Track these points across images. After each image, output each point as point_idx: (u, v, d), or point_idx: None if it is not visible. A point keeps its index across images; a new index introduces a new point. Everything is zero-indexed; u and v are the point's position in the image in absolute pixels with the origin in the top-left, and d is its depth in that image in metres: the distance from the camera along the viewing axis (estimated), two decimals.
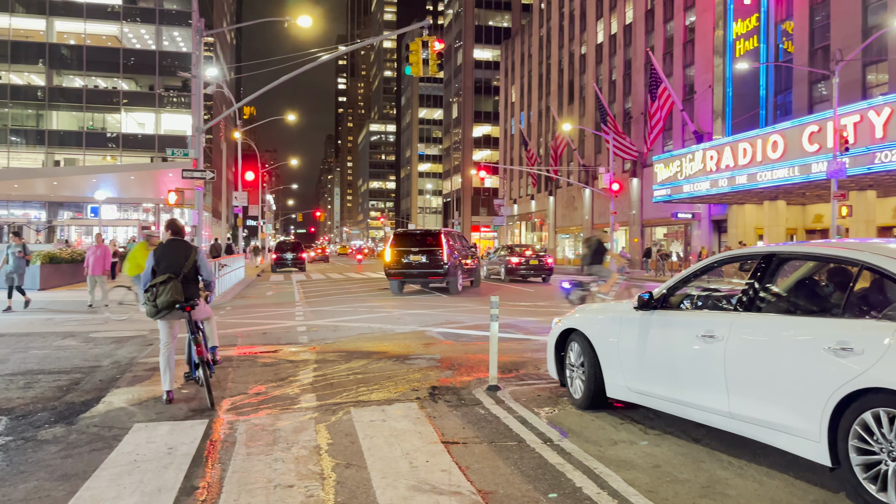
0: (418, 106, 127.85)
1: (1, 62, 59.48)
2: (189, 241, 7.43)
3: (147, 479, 4.73)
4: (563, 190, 60.93)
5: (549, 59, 66.42)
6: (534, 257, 30.23)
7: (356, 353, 10.10)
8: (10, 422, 6.31)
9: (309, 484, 4.67)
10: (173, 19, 62.46)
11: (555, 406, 6.85)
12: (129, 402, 7.05)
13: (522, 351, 10.34)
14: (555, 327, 7.27)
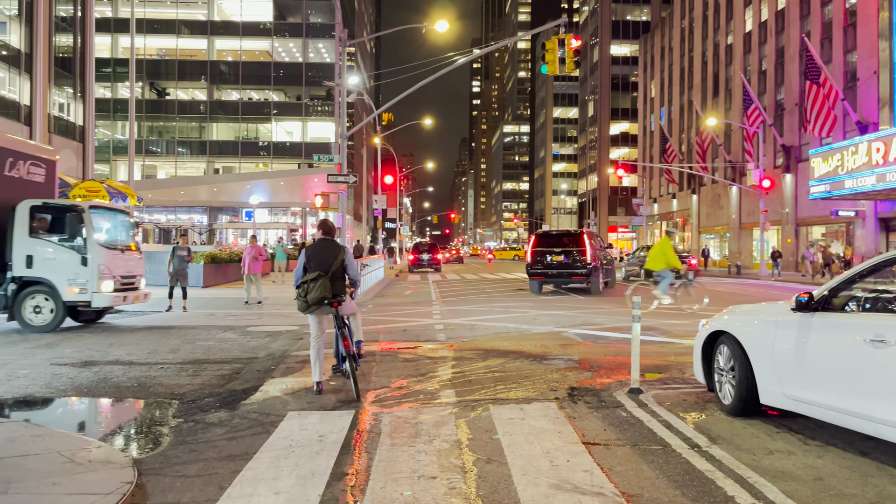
0: (553, 105, 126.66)
1: (170, 80, 65.40)
2: (338, 242, 7.81)
3: (301, 464, 5.02)
4: (708, 188, 58.06)
5: (692, 52, 63.57)
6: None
7: (493, 352, 10.17)
8: (182, 405, 6.92)
9: (451, 476, 4.76)
10: (318, 32, 65.85)
11: (702, 411, 6.55)
12: (283, 392, 7.52)
13: (665, 354, 9.97)
14: (702, 329, 6.96)
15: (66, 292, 12.52)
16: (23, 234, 12.51)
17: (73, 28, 47.18)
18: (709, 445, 5.42)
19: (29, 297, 12.49)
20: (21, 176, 13.02)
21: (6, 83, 39.77)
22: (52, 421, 6.39)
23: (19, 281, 12.52)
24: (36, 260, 12.52)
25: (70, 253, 12.61)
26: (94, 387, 7.78)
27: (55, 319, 12.53)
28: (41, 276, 12.51)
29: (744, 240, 51.18)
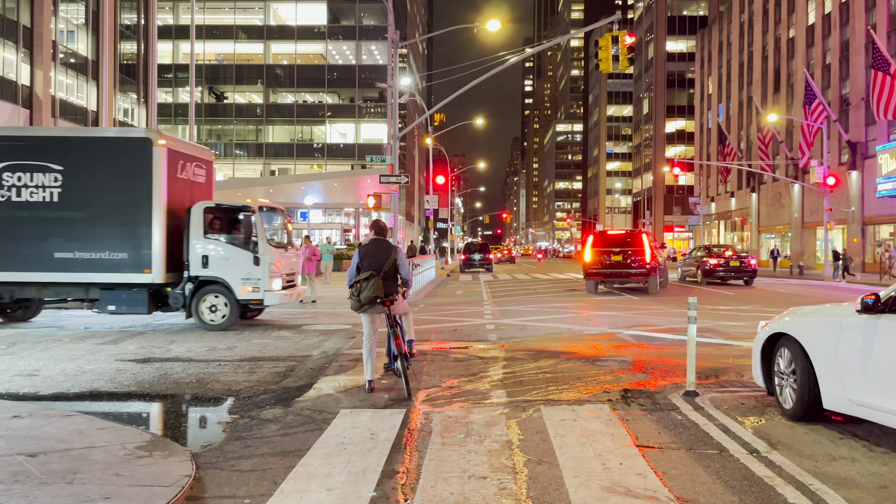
0: (606, 103, 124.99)
1: (228, 84, 67.07)
2: (391, 242, 7.87)
3: (353, 461, 5.08)
4: (768, 186, 56.39)
5: (752, 46, 61.84)
6: (735, 258, 28.24)
7: (545, 353, 10.09)
8: (238, 402, 7.09)
9: (502, 477, 4.74)
10: (371, 34, 66.53)
11: (761, 416, 6.36)
12: (335, 389, 7.62)
13: (723, 356, 9.72)
14: (761, 331, 6.75)
15: (241, 291, 12.85)
16: (198, 234, 12.88)
17: (137, 35, 48.81)
18: (768, 451, 5.26)
19: (205, 296, 12.92)
20: (189, 178, 13.55)
21: (74, 90, 41.44)
22: (116, 414, 6.63)
23: (196, 280, 12.89)
24: (211, 260, 12.87)
25: (243, 253, 12.93)
26: (155, 382, 8.04)
27: (230, 317, 12.91)
28: (217, 276, 12.85)
29: (807, 239, 49.53)
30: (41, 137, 13.26)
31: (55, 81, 38.41)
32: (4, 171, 12.38)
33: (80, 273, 12.45)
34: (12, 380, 8.12)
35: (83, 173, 12.48)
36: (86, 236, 12.41)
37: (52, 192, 12.39)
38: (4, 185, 12.38)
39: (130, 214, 12.47)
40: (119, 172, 12.54)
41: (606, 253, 21.99)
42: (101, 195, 12.46)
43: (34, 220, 12.38)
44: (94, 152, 12.66)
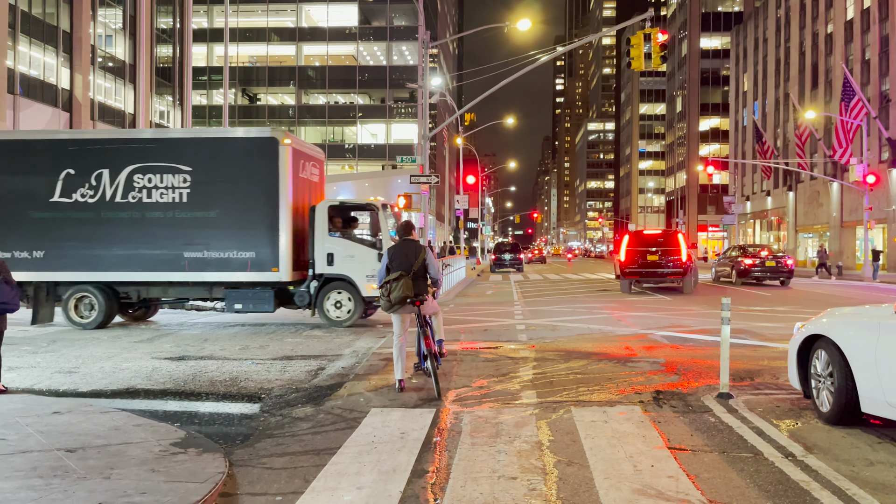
0: (639, 102, 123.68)
1: (260, 86, 67.88)
2: (419, 242, 7.90)
3: (383, 460, 5.11)
4: (806, 184, 55.27)
5: (789, 42, 60.67)
6: (770, 258, 27.73)
7: (575, 353, 10.03)
8: (271, 400, 7.17)
9: (531, 478, 4.73)
10: (402, 35, 66.78)
11: (797, 419, 6.25)
12: (366, 389, 7.67)
13: (758, 358, 9.56)
14: (797, 333, 6.63)
15: (366, 288, 12.98)
16: (323, 232, 13.04)
17: (173, 39, 49.67)
18: (804, 455, 5.16)
19: (329, 293, 13.14)
20: (307, 177, 13.77)
21: (112, 93, 42.32)
22: (152, 411, 6.76)
23: (321, 278, 13.07)
24: (336, 258, 13.02)
25: (368, 250, 13.07)
26: (189, 380, 8.17)
27: (354, 314, 13.13)
28: (342, 273, 13.01)
29: (845, 239, 48.43)
30: (170, 139, 13.40)
31: (94, 85, 39.27)
32: (135, 172, 12.55)
33: (209, 273, 12.58)
34: (53, 377, 8.33)
35: (211, 174, 12.60)
36: (214, 236, 12.53)
37: (180, 193, 12.53)
38: (135, 187, 12.56)
39: (258, 214, 12.54)
40: (246, 172, 12.63)
41: (642, 252, 22.04)
42: (228, 195, 12.57)
43: (164, 221, 12.55)
44: (222, 153, 12.78)
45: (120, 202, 12.59)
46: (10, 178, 12.79)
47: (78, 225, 12.62)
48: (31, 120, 34.12)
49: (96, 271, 12.65)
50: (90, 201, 12.62)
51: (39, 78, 35.23)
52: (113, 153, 12.68)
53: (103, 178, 12.59)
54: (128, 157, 12.62)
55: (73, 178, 12.64)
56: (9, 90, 32.16)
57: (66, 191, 12.63)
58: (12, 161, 12.86)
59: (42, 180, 12.68)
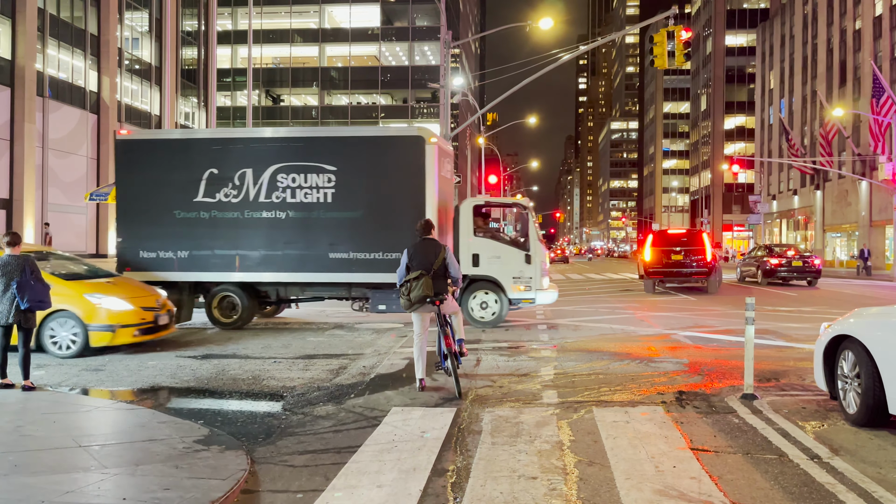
0: (662, 100, 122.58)
1: (284, 87, 68.40)
2: (439, 241, 7.90)
3: (403, 458, 5.12)
4: (834, 183, 54.38)
5: (816, 39, 59.74)
6: (797, 258, 27.33)
7: (598, 353, 9.97)
8: (292, 398, 7.23)
9: (552, 477, 4.71)
10: (424, 35, 66.89)
11: (823, 420, 6.15)
12: (387, 388, 7.69)
13: (783, 359, 9.43)
14: (823, 333, 6.52)
15: (512, 290, 12.81)
16: (468, 232, 12.89)
17: (198, 41, 50.23)
18: (830, 457, 5.08)
19: (475, 293, 12.94)
20: (447, 176, 13.73)
21: (139, 95, 42.92)
22: (176, 409, 6.84)
23: (466, 279, 12.74)
24: (482, 258, 12.85)
25: (514, 251, 12.92)
26: (213, 378, 8.26)
27: (499, 315, 12.92)
28: (488, 275, 12.82)
29: (875, 239, 47.57)
30: (315, 138, 13.18)
31: (121, 87, 39.86)
32: (279, 172, 12.39)
33: (354, 273, 12.34)
34: (80, 374, 8.47)
35: (356, 173, 12.37)
36: (360, 237, 12.34)
37: (325, 192, 12.32)
38: (279, 187, 12.39)
39: (404, 214, 12.17)
40: (392, 172, 12.40)
41: (667, 252, 21.97)
42: (374, 195, 12.35)
43: (308, 222, 12.36)
44: (367, 152, 12.58)
45: (263, 202, 12.40)
46: (154, 178, 12.67)
47: (222, 225, 12.46)
48: (59, 122, 34.73)
49: (240, 272, 12.51)
50: (234, 201, 12.46)
51: (68, 80, 35.84)
52: (256, 152, 12.54)
53: (247, 178, 12.43)
54: (272, 157, 12.45)
55: (217, 177, 12.49)
56: (38, 93, 32.75)
57: (209, 191, 12.49)
58: (156, 161, 12.76)
59: (186, 180, 12.53)
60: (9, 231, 7.61)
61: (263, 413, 6.72)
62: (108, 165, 37.69)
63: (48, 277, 9.50)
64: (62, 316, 9.44)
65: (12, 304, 7.12)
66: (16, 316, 7.16)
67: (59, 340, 9.49)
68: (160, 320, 10.33)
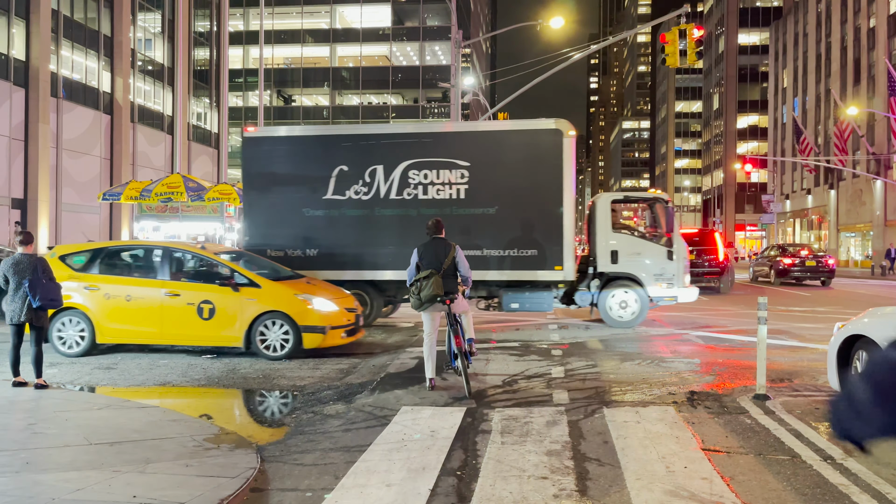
0: (674, 99, 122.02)
1: (295, 87, 68.62)
2: (448, 241, 7.88)
3: (413, 458, 5.11)
4: (848, 182, 53.91)
5: (829, 37, 59.26)
6: (811, 258, 27.11)
7: (608, 353, 9.92)
8: (303, 397, 7.24)
9: (561, 478, 4.69)
10: (434, 35, 66.89)
11: None
12: (396, 387, 7.69)
13: (796, 359, 9.35)
14: (837, 333, 6.46)
15: (653, 288, 12.46)
16: (606, 228, 12.54)
17: (210, 42, 50.47)
18: (844, 458, 5.02)
19: (613, 292, 12.54)
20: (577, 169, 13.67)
21: (152, 95, 43.18)
22: (187, 407, 6.87)
23: (602, 277, 12.51)
24: (621, 255, 12.49)
25: (656, 247, 12.56)
26: (223, 377, 8.29)
27: (639, 315, 12.54)
28: (627, 272, 12.46)
29: (889, 238, 47.13)
30: (447, 133, 12.96)
31: (134, 88, 40.11)
32: (410, 168, 12.14)
33: (487, 271, 11.94)
34: (92, 373, 8.52)
35: (490, 169, 12.06)
36: (494, 234, 12.07)
37: (458, 189, 12.06)
38: (410, 184, 12.15)
39: (540, 210, 11.91)
40: (528, 167, 12.03)
41: None
42: (508, 191, 11.99)
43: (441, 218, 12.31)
44: (502, 147, 12.26)
45: (394, 199, 12.18)
46: (282, 175, 12.52)
47: (352, 222, 12.27)
48: (73, 122, 35.00)
49: (369, 270, 12.30)
50: (364, 198, 12.24)
51: (81, 81, 36.11)
52: (387, 149, 12.31)
53: (377, 175, 12.21)
54: (403, 153, 12.22)
55: (347, 174, 12.28)
56: (52, 93, 33.02)
57: (339, 188, 12.29)
58: (284, 158, 12.61)
59: (315, 177, 12.36)
60: (22, 230, 7.66)
61: (273, 412, 6.73)
62: (121, 166, 37.96)
63: (256, 278, 9.52)
64: (273, 317, 9.27)
65: (24, 302, 7.17)
66: (28, 314, 7.21)
67: (270, 342, 9.31)
68: (359, 321, 10.15)
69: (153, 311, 9.42)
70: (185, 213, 20.97)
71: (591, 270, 12.54)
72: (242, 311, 9.35)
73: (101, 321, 9.49)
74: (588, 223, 12.58)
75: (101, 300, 9.55)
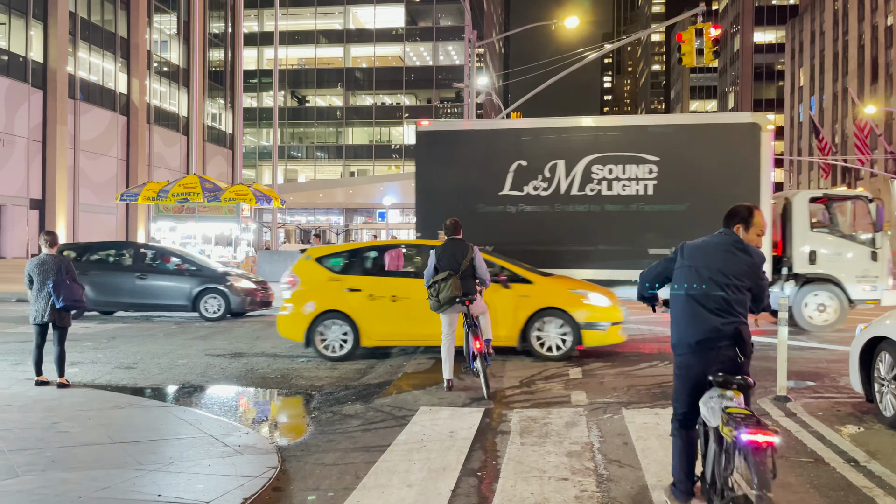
0: (689, 98, 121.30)
1: (309, 87, 68.90)
2: (465, 242, 7.88)
3: (433, 458, 5.12)
4: (865, 181, 53.40)
5: (847, 35, 58.72)
6: None
7: (626, 354, 9.89)
8: (321, 397, 7.27)
9: (582, 479, 4.68)
10: (448, 35, 66.94)
11: (859, 423, 6.04)
12: (414, 387, 7.70)
13: (817, 361, 9.28)
14: (859, 335, 6.41)
15: (855, 290, 11.99)
16: (803, 228, 12.09)
17: (224, 44, 50.75)
18: (867, 460, 4.98)
19: (819, 293, 12.05)
20: None
21: (167, 97, 43.50)
22: (207, 407, 6.92)
23: (800, 279, 12.09)
24: (820, 256, 12.04)
25: (859, 248, 12.09)
26: (242, 377, 8.34)
27: (839, 318, 12.09)
28: (827, 273, 12.04)
29: None
30: (635, 127, 12.56)
31: (150, 89, 40.44)
32: (594, 163, 11.77)
33: None
34: (113, 372, 8.60)
35: (681, 164, 11.63)
36: (684, 232, 11.71)
37: (645, 184, 11.64)
38: (593, 179, 11.78)
39: None
40: (722, 161, 11.58)
41: None
42: (701, 187, 11.52)
43: (625, 216, 11.71)
44: (694, 141, 11.85)
45: (576, 195, 11.77)
46: (456, 170, 12.20)
47: (528, 220, 11.84)
48: (90, 124, 35.32)
49: (549, 268, 11.84)
50: (543, 194, 11.86)
51: (98, 83, 36.44)
52: (569, 143, 11.93)
53: (558, 170, 11.81)
54: (586, 147, 11.83)
55: (525, 169, 11.90)
56: (70, 95, 33.34)
57: (516, 183, 11.91)
58: (459, 152, 12.33)
59: (491, 172, 12.04)
60: (47, 231, 7.74)
61: (292, 411, 6.77)
62: (138, 166, 38.27)
63: (526, 273, 9.23)
64: (549, 314, 9.00)
65: (48, 302, 7.25)
66: (51, 315, 7.28)
67: (548, 341, 9.10)
68: (626, 317, 9.79)
69: (420, 312, 8.51)
70: (201, 214, 21.12)
71: (786, 271, 12.06)
72: (516, 310, 8.99)
73: (365, 323, 9.21)
74: (782, 222, 12.17)
75: (365, 302, 9.23)
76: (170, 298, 14.15)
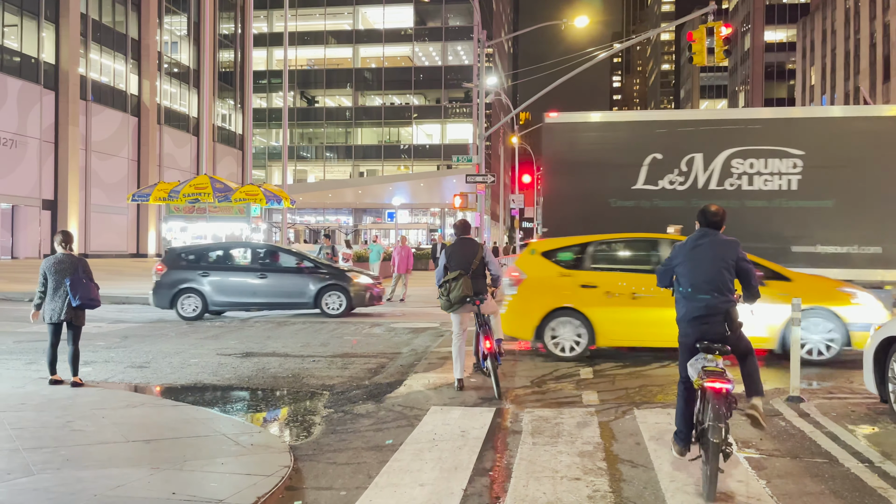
0: (699, 98, 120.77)
1: (318, 88, 69.04)
2: (476, 240, 7.89)
3: (444, 458, 5.13)
4: None
5: (858, 34, 58.31)
6: None
7: (638, 354, 9.85)
8: (332, 396, 7.28)
9: (594, 479, 4.67)
10: (457, 35, 66.92)
11: (874, 424, 6.00)
12: (425, 387, 7.71)
13: (830, 361, 9.21)
14: (873, 335, 6.36)
15: None
16: None
17: (234, 44, 50.95)
18: (882, 461, 4.95)
19: None
20: None
21: (178, 97, 43.71)
22: (220, 406, 6.95)
23: None
24: None
25: None
26: (254, 376, 8.37)
27: None
28: None
29: None
30: (777, 120, 12.13)
31: (160, 90, 40.64)
32: (733, 157, 11.50)
33: (820, 269, 10.93)
34: (126, 371, 8.65)
35: (827, 158, 11.29)
36: (829, 229, 11.18)
37: (788, 179, 11.36)
38: (733, 174, 11.53)
39: (884, 203, 11.11)
40: (870, 156, 11.26)
41: None
42: (847, 182, 11.19)
43: (766, 212, 11.41)
44: (840, 134, 11.50)
45: (714, 189, 11.51)
46: (587, 163, 11.94)
47: (663, 214, 11.37)
48: (101, 125, 35.53)
49: None
50: (679, 189, 11.65)
51: (109, 84, 36.65)
52: (707, 136, 11.68)
53: (695, 164, 11.59)
54: (725, 141, 11.59)
55: (661, 163, 11.70)
56: (81, 96, 33.54)
57: (651, 177, 11.72)
58: (589, 145, 12.08)
59: (624, 166, 11.79)
60: (62, 231, 7.80)
61: (304, 411, 6.79)
62: (149, 167, 38.47)
63: (784, 270, 8.87)
64: (814, 314, 8.52)
65: (64, 301, 7.30)
66: (67, 313, 7.33)
67: (811, 345, 8.70)
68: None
69: (662, 311, 7.84)
70: (211, 214, 21.21)
71: None
72: (775, 311, 8.35)
73: (601, 322, 8.82)
74: None
75: (602, 299, 8.85)
76: (292, 297, 14.23)
